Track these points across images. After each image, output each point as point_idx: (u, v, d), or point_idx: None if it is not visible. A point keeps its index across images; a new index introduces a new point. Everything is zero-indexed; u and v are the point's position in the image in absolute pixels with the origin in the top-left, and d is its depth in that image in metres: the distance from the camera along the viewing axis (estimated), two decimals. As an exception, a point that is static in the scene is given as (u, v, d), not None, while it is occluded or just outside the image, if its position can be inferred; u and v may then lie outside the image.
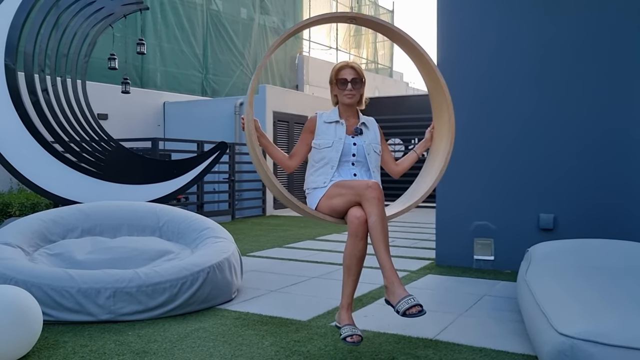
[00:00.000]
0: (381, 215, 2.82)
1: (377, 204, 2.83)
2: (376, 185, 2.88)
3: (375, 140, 3.24)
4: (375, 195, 2.84)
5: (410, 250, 6.48)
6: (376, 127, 3.32)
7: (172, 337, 3.21)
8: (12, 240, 3.94)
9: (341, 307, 2.92)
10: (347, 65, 3.22)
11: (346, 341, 2.74)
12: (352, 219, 2.89)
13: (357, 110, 3.30)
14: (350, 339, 2.73)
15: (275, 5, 16.76)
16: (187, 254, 4.22)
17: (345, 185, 2.99)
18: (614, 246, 3.85)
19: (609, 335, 2.29)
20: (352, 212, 2.91)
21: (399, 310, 2.63)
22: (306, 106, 12.85)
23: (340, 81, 3.20)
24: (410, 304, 2.59)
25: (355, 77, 3.19)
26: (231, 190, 10.61)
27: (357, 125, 3.21)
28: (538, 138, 5.13)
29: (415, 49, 3.28)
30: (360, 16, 3.24)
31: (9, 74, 5.35)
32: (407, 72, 24.37)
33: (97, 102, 7.91)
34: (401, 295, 2.65)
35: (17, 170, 5.37)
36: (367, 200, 2.85)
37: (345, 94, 3.19)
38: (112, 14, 6.07)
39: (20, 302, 2.84)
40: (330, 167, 3.12)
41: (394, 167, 3.38)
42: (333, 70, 3.25)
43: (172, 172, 6.08)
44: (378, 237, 2.81)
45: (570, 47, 5.03)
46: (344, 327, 2.82)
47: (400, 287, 2.70)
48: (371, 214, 2.83)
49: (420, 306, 2.59)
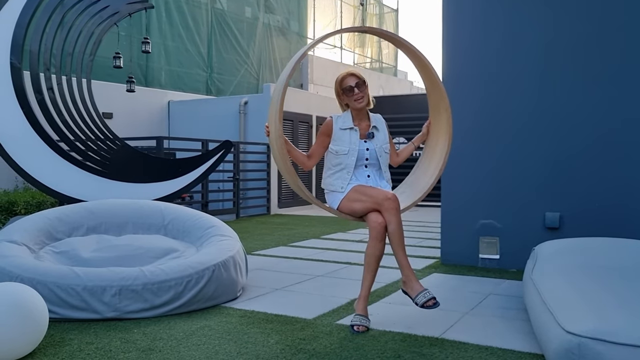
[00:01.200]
0: (399, 223, 3.27)
1: (395, 214, 3.27)
2: (394, 197, 3.30)
3: (385, 141, 3.58)
4: (394, 206, 3.27)
5: (415, 249, 6.47)
6: (384, 125, 3.65)
7: (177, 335, 3.21)
8: (18, 238, 3.95)
9: (359, 297, 3.38)
10: (347, 75, 3.54)
11: (352, 328, 3.24)
12: (374, 225, 3.29)
13: (367, 112, 3.62)
14: (355, 328, 3.24)
15: (280, 4, 16.75)
16: (193, 252, 4.22)
17: (366, 193, 3.37)
18: (621, 245, 3.83)
19: (617, 333, 2.28)
20: (373, 218, 3.30)
21: (418, 302, 3.19)
22: (310, 105, 12.84)
23: (346, 89, 3.51)
24: (427, 297, 3.16)
25: (358, 81, 3.50)
26: (236, 189, 10.61)
27: (369, 130, 3.55)
28: (544, 136, 5.11)
29: (412, 52, 3.58)
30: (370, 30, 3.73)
31: (14, 73, 5.35)
32: (411, 71, 24.29)
33: (102, 101, 7.92)
34: (418, 289, 3.23)
35: (23, 169, 5.38)
36: (387, 210, 3.27)
37: (355, 100, 3.50)
38: (117, 13, 6.07)
39: (26, 300, 2.85)
40: (346, 173, 3.48)
41: (395, 158, 3.76)
42: (336, 83, 3.57)
43: (176, 171, 6.08)
44: (397, 242, 3.30)
45: (577, 44, 5.01)
46: (355, 316, 3.32)
47: (417, 282, 3.28)
48: (391, 223, 3.27)
49: (435, 299, 3.16)
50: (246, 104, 11.92)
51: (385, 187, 3.51)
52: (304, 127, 12.56)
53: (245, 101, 11.93)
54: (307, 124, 12.68)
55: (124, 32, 11.44)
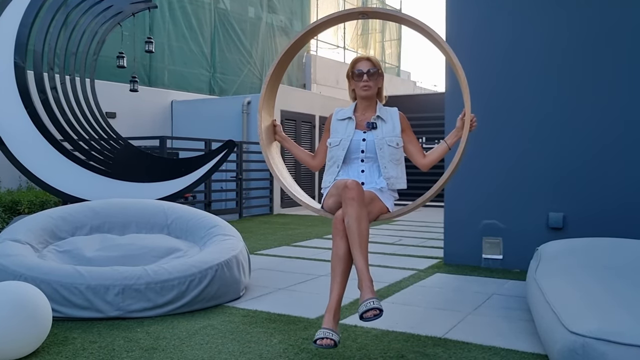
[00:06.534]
0: (355, 216, 2.72)
1: (352, 204, 2.74)
2: (353, 185, 2.78)
3: (392, 132, 3.13)
4: (351, 195, 2.75)
5: (418, 249, 6.46)
6: (397, 117, 3.20)
7: (180, 334, 3.21)
8: (21, 237, 3.96)
9: (326, 309, 2.79)
10: (363, 58, 3.20)
11: (315, 344, 2.64)
12: (334, 219, 2.86)
13: (377, 104, 3.23)
14: (319, 342, 2.63)
15: (283, 4, 16.75)
16: (196, 252, 4.23)
17: (336, 184, 2.96)
18: (624, 245, 3.82)
19: (621, 333, 2.27)
20: (335, 213, 2.89)
21: (358, 312, 2.62)
22: (313, 105, 12.84)
23: (356, 73, 3.17)
24: (367, 307, 2.57)
25: (371, 68, 3.15)
26: (239, 188, 10.62)
27: (371, 120, 3.15)
28: (547, 136, 5.09)
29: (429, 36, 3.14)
30: (370, 10, 3.22)
31: (18, 73, 5.37)
32: (414, 71, 24.33)
33: (106, 101, 7.92)
34: (364, 297, 2.64)
35: (26, 168, 5.39)
36: (344, 200, 2.79)
37: (361, 86, 3.15)
38: (121, 12, 6.08)
39: (30, 299, 2.85)
40: (336, 166, 3.12)
41: (420, 160, 3.20)
42: (350, 64, 3.22)
43: (179, 171, 6.09)
44: (351, 238, 2.74)
45: (584, 46, 4.99)
46: (319, 330, 2.70)
47: (366, 289, 2.66)
48: (345, 215, 2.76)
49: (377, 309, 2.57)
50: (249, 104, 11.92)
51: (380, 183, 3.08)
52: (306, 127, 12.55)
53: (248, 101, 11.94)
54: (310, 123, 12.68)
55: (128, 32, 11.44)
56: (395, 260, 5.72)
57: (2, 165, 6.91)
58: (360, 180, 3.05)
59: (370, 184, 3.09)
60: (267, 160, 3.29)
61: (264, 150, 3.29)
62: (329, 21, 3.23)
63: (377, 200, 3.02)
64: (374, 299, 2.61)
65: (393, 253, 6.17)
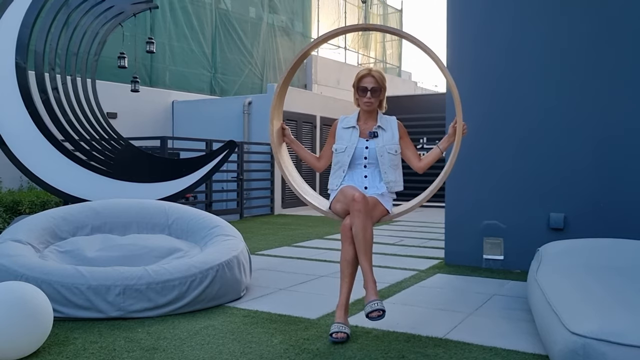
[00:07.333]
0: (361, 226, 3.12)
1: (358, 216, 3.13)
2: (360, 198, 3.16)
3: (391, 141, 3.45)
4: (358, 207, 3.14)
5: (419, 250, 6.46)
6: (395, 126, 3.51)
7: (181, 335, 3.21)
8: (22, 238, 3.96)
9: (337, 305, 3.24)
10: (369, 74, 3.44)
11: (331, 337, 3.07)
12: (342, 227, 3.23)
13: (377, 113, 3.54)
14: (334, 335, 3.07)
15: (284, 5, 16.76)
16: (197, 252, 4.23)
17: (344, 193, 3.30)
18: (625, 245, 3.82)
19: (622, 334, 2.27)
20: (344, 220, 3.25)
21: (365, 311, 3.03)
22: (314, 105, 12.84)
23: (360, 89, 3.44)
24: (373, 307, 2.98)
25: (375, 86, 3.42)
26: (239, 189, 10.62)
27: (372, 129, 3.46)
28: (548, 137, 5.09)
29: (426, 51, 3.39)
30: (372, 27, 3.68)
31: (19, 73, 5.37)
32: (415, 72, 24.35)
33: (107, 101, 7.92)
34: (369, 298, 3.04)
35: (27, 168, 5.39)
36: (352, 212, 3.17)
37: (364, 102, 3.44)
38: (122, 13, 6.08)
39: (31, 299, 2.86)
40: (342, 171, 3.44)
41: (416, 163, 3.51)
42: (356, 77, 3.48)
43: (180, 171, 6.09)
44: (358, 245, 3.14)
45: (585, 46, 4.99)
46: (333, 324, 3.15)
47: (371, 291, 3.07)
48: (353, 225, 3.16)
49: (380, 311, 2.97)
50: (250, 104, 11.93)
51: (381, 189, 3.39)
52: (307, 128, 12.55)
53: (249, 101, 11.94)
54: (311, 124, 12.68)
55: (129, 32, 11.45)
56: (396, 261, 5.72)
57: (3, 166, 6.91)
58: (363, 184, 3.41)
59: (373, 189, 3.41)
60: (277, 161, 3.57)
61: (274, 152, 3.57)
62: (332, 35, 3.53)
63: (379, 204, 3.35)
64: (378, 301, 3.02)
65: (394, 253, 6.17)
